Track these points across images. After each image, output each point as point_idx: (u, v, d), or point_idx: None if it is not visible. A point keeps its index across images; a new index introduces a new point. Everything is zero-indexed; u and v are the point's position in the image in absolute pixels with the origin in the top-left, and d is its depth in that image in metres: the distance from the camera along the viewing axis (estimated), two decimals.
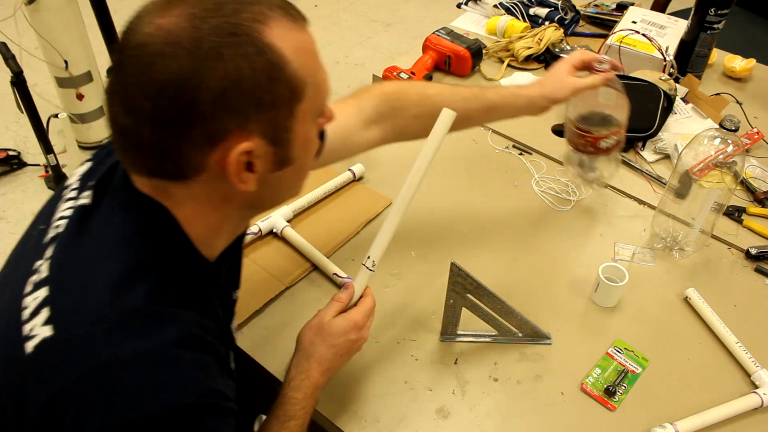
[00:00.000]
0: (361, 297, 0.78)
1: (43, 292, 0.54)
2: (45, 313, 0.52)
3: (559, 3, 1.60)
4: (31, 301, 0.54)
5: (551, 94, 0.93)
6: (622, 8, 1.66)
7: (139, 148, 0.53)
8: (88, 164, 0.65)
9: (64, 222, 0.58)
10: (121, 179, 0.58)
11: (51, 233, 0.58)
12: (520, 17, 1.60)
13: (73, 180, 0.64)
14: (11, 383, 0.52)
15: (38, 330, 0.51)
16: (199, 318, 0.56)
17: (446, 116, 0.78)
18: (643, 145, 1.27)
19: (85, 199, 0.59)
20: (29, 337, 0.52)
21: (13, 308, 0.54)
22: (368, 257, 0.77)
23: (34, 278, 0.55)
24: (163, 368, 0.51)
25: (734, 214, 1.12)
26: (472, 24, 1.67)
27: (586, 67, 0.95)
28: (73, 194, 0.61)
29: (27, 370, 0.51)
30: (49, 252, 0.57)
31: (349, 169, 1.16)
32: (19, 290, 0.55)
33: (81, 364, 0.50)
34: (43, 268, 0.55)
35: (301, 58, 0.54)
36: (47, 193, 2.19)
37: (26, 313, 0.53)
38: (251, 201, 0.60)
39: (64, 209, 0.60)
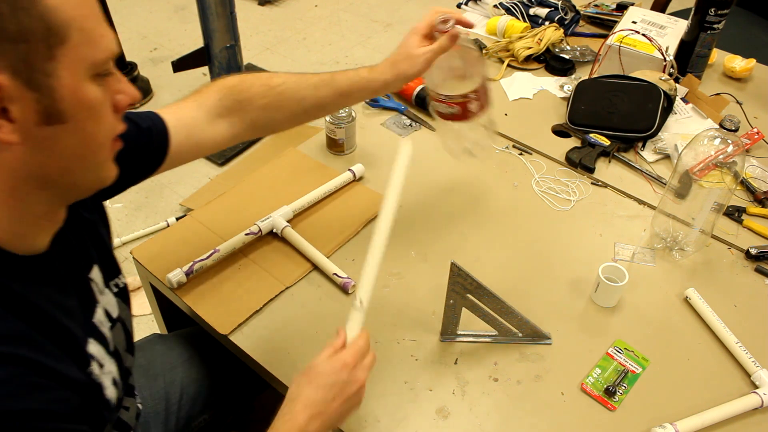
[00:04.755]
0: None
1: None
2: None
3: (559, 3, 1.60)
4: None
5: (404, 72, 0.88)
6: (622, 8, 1.66)
7: None
8: None
9: None
10: None
11: None
12: (520, 17, 1.60)
13: None
14: None
15: None
16: None
17: (405, 150, 0.79)
18: (643, 145, 1.27)
19: None
20: None
21: None
22: (357, 297, 0.75)
23: None
24: None
25: (734, 214, 1.12)
26: None
27: (435, 31, 0.89)
28: None
29: None
30: None
31: (349, 169, 1.16)
32: None
33: None
34: None
35: None
36: None
37: None
38: (32, 170, 0.54)
39: None
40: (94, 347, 0.63)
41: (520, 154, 1.26)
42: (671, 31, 1.48)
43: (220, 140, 0.86)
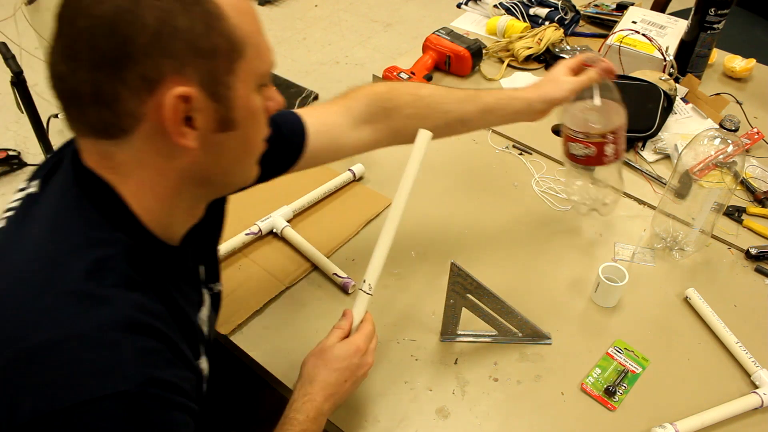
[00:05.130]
0: (361, 322, 0.78)
1: None
2: None
3: (559, 3, 1.60)
4: None
5: (548, 94, 0.91)
6: (622, 8, 1.66)
7: (77, 96, 0.52)
8: (49, 157, 0.64)
9: (10, 213, 0.58)
10: (70, 157, 0.58)
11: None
12: (520, 17, 1.60)
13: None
14: None
15: None
16: (145, 302, 0.54)
17: (423, 137, 0.78)
18: (643, 145, 1.27)
19: (33, 188, 0.59)
20: None
21: None
22: (364, 281, 0.77)
23: None
24: (98, 352, 0.49)
25: (734, 214, 1.12)
26: (472, 24, 1.67)
27: (584, 65, 0.93)
28: (23, 185, 0.61)
29: None
30: None
31: (349, 169, 1.16)
32: None
33: (10, 348, 0.48)
34: None
35: (240, 16, 0.54)
36: None
37: None
38: (198, 171, 0.58)
39: (13, 200, 0.60)
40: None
41: (520, 154, 1.26)
42: (671, 31, 1.48)
43: (361, 145, 0.89)
